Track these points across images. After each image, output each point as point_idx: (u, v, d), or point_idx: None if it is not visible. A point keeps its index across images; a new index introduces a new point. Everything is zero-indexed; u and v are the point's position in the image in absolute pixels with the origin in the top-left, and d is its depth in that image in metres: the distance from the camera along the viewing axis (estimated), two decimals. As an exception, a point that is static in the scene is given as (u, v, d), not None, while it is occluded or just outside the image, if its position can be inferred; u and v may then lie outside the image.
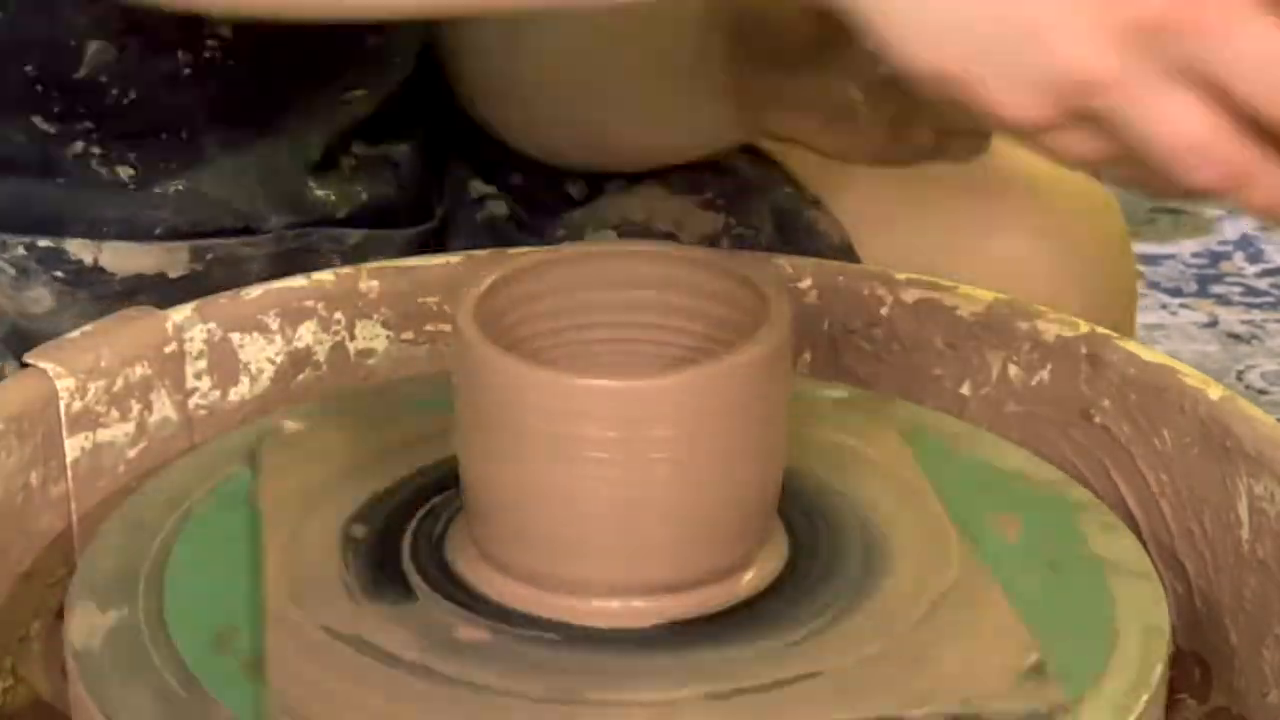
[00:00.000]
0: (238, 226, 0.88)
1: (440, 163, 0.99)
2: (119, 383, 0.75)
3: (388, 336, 0.83)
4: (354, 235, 0.91)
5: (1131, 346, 0.75)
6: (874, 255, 0.90)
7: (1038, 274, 0.87)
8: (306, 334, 0.81)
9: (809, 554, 0.65)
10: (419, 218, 0.95)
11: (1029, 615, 0.62)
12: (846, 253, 0.90)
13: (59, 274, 0.86)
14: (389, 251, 0.90)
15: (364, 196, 0.92)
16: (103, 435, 0.74)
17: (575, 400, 0.60)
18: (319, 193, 0.90)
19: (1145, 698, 0.59)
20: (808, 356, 0.84)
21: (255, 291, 0.80)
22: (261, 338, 0.80)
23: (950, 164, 0.83)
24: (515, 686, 0.58)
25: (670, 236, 0.93)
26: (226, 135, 0.87)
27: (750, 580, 0.64)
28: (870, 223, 0.90)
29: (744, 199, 0.92)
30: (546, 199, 0.97)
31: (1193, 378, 0.72)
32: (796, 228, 0.89)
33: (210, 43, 0.84)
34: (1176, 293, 2.23)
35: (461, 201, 0.98)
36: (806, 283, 0.83)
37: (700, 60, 0.87)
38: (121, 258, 0.87)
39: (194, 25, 0.83)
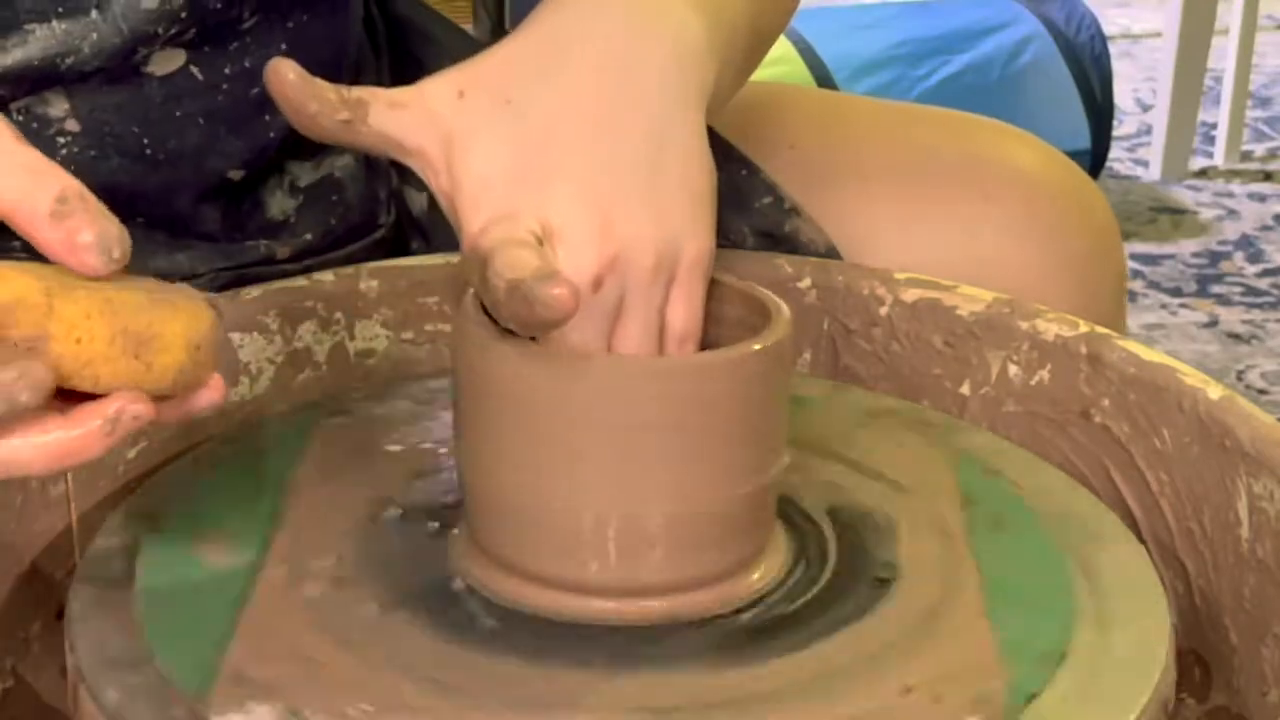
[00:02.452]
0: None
1: (378, 174, 0.96)
2: (119, 383, 0.74)
3: (388, 336, 0.83)
4: (294, 269, 0.87)
5: (1131, 346, 0.75)
6: (861, 259, 0.89)
7: (1027, 269, 0.86)
8: (306, 334, 0.81)
9: (809, 555, 0.66)
10: (363, 233, 0.92)
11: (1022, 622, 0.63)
12: (832, 259, 0.89)
13: None
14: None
15: (308, 237, 0.89)
16: (102, 435, 0.74)
17: (574, 379, 0.60)
18: (260, 244, 0.88)
19: (1145, 698, 0.59)
20: (808, 356, 0.84)
21: (255, 291, 0.80)
22: (261, 338, 0.80)
23: None
24: (517, 686, 0.59)
25: None
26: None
27: (755, 580, 0.64)
28: (856, 227, 0.88)
29: (721, 210, 0.91)
30: None
31: (1192, 377, 0.72)
32: (779, 238, 0.88)
33: (61, 140, 0.81)
34: (1176, 293, 2.23)
35: (408, 210, 0.96)
36: (806, 283, 0.83)
37: None
38: None
39: (40, 131, 0.80)
